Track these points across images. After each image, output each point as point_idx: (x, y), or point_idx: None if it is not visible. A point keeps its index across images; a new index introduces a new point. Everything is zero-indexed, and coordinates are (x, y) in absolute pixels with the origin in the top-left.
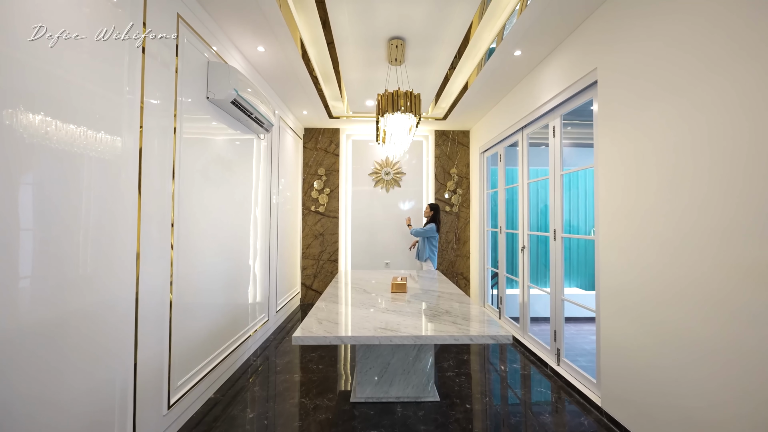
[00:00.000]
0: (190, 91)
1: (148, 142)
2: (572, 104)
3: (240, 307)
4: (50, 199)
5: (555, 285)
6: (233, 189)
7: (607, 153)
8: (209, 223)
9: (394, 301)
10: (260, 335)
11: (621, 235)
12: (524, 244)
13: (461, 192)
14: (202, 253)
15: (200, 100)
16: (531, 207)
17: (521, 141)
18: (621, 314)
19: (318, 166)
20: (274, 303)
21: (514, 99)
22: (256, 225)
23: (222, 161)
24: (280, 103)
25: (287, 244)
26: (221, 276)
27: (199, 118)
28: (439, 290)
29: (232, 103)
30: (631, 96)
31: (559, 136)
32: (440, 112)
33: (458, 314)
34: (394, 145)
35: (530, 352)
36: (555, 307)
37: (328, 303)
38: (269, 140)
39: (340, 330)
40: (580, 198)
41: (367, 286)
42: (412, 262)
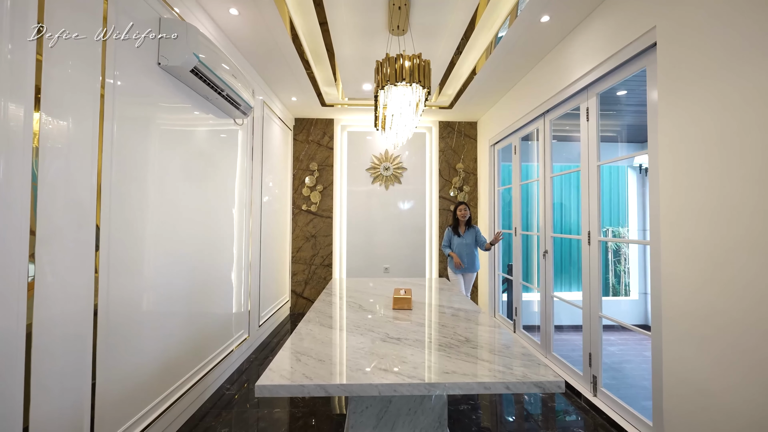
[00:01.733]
0: (132, 54)
1: (55, 120)
2: (614, 78)
3: (210, 326)
4: None
5: (590, 299)
6: (203, 184)
7: (671, 135)
8: (167, 226)
9: (396, 321)
10: (237, 356)
11: (693, 239)
12: (547, 248)
13: (468, 189)
14: (154, 264)
15: (149, 67)
16: (554, 206)
17: (542, 128)
18: (696, 344)
19: (310, 160)
20: (256, 316)
21: (535, 79)
22: (234, 227)
23: (185, 150)
24: (265, 87)
25: (274, 248)
26: (183, 290)
27: (146, 90)
28: (450, 305)
29: (193, 72)
30: (707, 59)
31: (596, 119)
32: (446, 99)
33: (482, 344)
34: (397, 129)
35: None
36: (591, 326)
37: (314, 325)
38: (250, 129)
39: (325, 372)
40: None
41: (364, 300)
42: (414, 267)
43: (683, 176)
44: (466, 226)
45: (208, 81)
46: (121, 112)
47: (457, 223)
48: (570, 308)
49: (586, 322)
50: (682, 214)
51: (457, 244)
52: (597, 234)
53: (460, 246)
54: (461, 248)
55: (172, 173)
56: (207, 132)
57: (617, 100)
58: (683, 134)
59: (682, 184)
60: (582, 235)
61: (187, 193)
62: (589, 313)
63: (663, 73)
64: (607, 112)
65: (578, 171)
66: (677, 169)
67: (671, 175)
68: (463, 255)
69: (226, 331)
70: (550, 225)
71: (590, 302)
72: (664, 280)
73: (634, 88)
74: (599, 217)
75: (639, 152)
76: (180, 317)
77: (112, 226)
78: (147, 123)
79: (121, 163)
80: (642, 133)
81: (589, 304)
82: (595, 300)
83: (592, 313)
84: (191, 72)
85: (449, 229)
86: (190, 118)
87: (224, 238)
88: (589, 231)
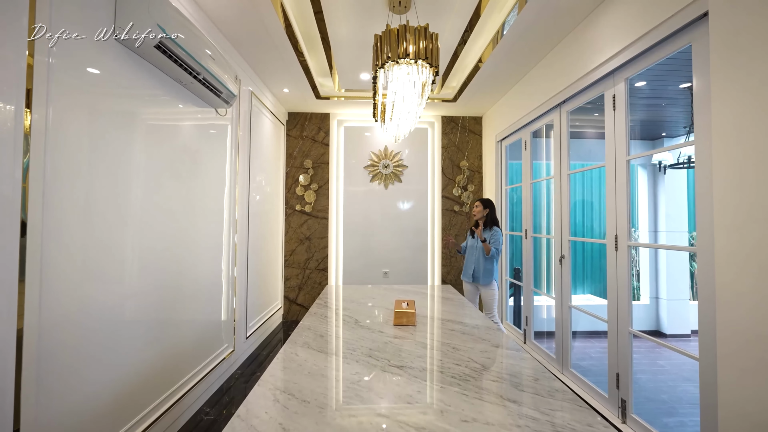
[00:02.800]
0: (78, 22)
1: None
2: (648, 60)
3: (186, 341)
4: None
5: (618, 312)
6: (178, 181)
7: (729, 122)
8: (132, 229)
9: (398, 341)
10: (220, 374)
11: (759, 246)
12: (564, 252)
13: (473, 189)
14: (110, 273)
15: (105, 42)
16: (571, 206)
17: (558, 121)
18: (765, 371)
19: (304, 157)
20: (243, 327)
21: (549, 67)
22: (218, 229)
23: (154, 142)
24: (254, 77)
25: (265, 251)
26: (150, 304)
27: (97, 67)
28: (460, 320)
29: (159, 49)
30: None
31: (624, 107)
32: (450, 92)
33: (505, 374)
34: (399, 119)
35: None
36: (618, 343)
37: (301, 348)
38: (236, 121)
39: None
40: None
41: (361, 313)
42: (416, 272)
43: (749, 170)
44: (485, 226)
45: (179, 61)
46: (61, 93)
47: (477, 222)
48: (578, 316)
49: (613, 338)
50: (744, 215)
51: (468, 246)
52: (626, 238)
53: (470, 249)
54: (469, 252)
55: (136, 169)
56: (183, 123)
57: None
58: (745, 121)
59: (747, 180)
60: (607, 239)
61: (157, 191)
62: (616, 327)
63: (717, 48)
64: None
65: (597, 168)
66: (737, 162)
67: (729, 169)
68: (469, 260)
69: (207, 346)
70: (568, 228)
71: (617, 315)
72: (719, 294)
73: (650, 80)
74: (629, 219)
75: (676, 145)
76: (147, 332)
77: (48, 227)
78: (100, 109)
79: (65, 156)
80: (656, 129)
81: (616, 318)
82: (623, 313)
83: (620, 327)
84: (157, 49)
85: (470, 229)
86: (159, 105)
87: (204, 241)
88: (616, 235)
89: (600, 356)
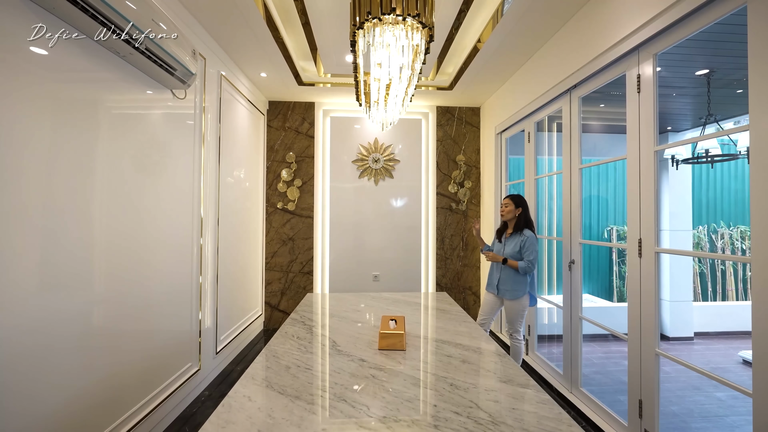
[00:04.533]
0: None
1: None
2: (683, 31)
3: (134, 365)
4: None
5: (642, 331)
6: (125, 177)
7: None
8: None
9: (384, 374)
10: (182, 397)
11: None
12: (573, 257)
13: (470, 185)
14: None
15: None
16: (583, 205)
17: (568, 108)
18: None
19: (287, 150)
20: (212, 341)
21: (558, 47)
22: (179, 231)
23: (88, 128)
24: (224, 58)
25: (243, 253)
26: (77, 324)
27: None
28: (458, 341)
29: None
30: None
31: (653, 89)
32: (445, 79)
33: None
34: (386, 101)
35: (588, 422)
36: (642, 367)
37: (255, 388)
38: (199, 106)
39: None
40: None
41: (340, 333)
42: (408, 275)
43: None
44: (514, 228)
45: (103, 18)
46: None
47: (503, 223)
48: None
49: (634, 358)
50: None
51: (494, 251)
52: (652, 243)
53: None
54: None
55: (64, 159)
56: (129, 108)
57: (607, 95)
58: None
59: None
60: (628, 243)
61: (93, 187)
62: (638, 346)
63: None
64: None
65: (613, 162)
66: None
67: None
68: (494, 267)
69: (164, 366)
70: (578, 229)
71: (641, 333)
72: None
73: (663, 65)
74: (656, 221)
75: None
76: (79, 358)
77: None
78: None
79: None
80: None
81: (638, 336)
82: (648, 331)
83: (645, 347)
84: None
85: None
86: (94, 83)
87: (157, 245)
88: (640, 239)
89: (602, 362)
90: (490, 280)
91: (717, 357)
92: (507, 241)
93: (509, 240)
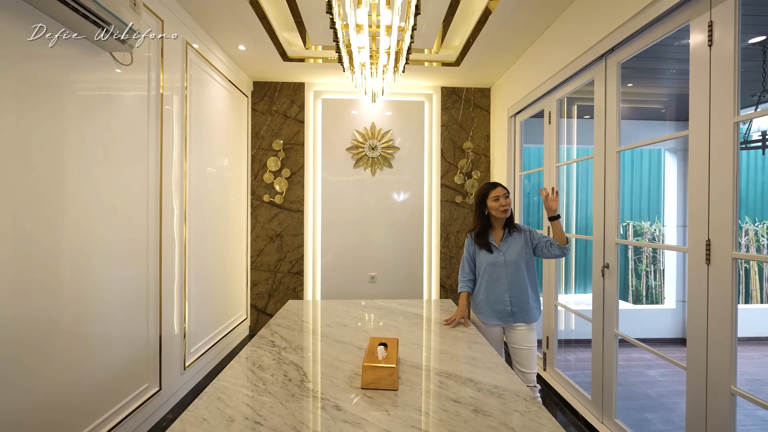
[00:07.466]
0: None
1: None
2: None
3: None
4: None
5: (708, 358)
6: (52, 158)
7: None
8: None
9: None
10: (137, 424)
11: None
12: (608, 260)
13: (478, 176)
14: None
15: None
16: (622, 197)
17: (603, 77)
18: None
19: (274, 137)
20: (179, 355)
21: (588, 6)
22: (128, 227)
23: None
24: (192, 24)
25: (224, 250)
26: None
27: None
28: (470, 375)
29: None
30: None
31: (734, 38)
32: (451, 53)
33: None
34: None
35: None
36: (718, 402)
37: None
38: (155, 79)
39: None
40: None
41: (318, 361)
42: (409, 277)
43: None
44: (506, 229)
45: None
46: None
47: (486, 224)
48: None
49: (697, 393)
50: None
51: (485, 268)
52: (729, 247)
53: (493, 270)
54: (494, 274)
55: None
56: (54, 73)
57: (637, 71)
58: None
59: None
60: (689, 247)
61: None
62: (704, 378)
63: None
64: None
65: (637, 149)
66: None
67: None
68: (497, 290)
69: (112, 392)
70: (615, 226)
71: (707, 367)
72: None
73: (671, 44)
74: (735, 216)
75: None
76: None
77: None
78: None
79: None
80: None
81: (704, 368)
82: (720, 361)
83: (713, 380)
84: None
85: (469, 237)
86: None
87: (96, 244)
88: (709, 241)
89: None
90: (489, 304)
91: (751, 368)
92: (505, 244)
93: (509, 241)
